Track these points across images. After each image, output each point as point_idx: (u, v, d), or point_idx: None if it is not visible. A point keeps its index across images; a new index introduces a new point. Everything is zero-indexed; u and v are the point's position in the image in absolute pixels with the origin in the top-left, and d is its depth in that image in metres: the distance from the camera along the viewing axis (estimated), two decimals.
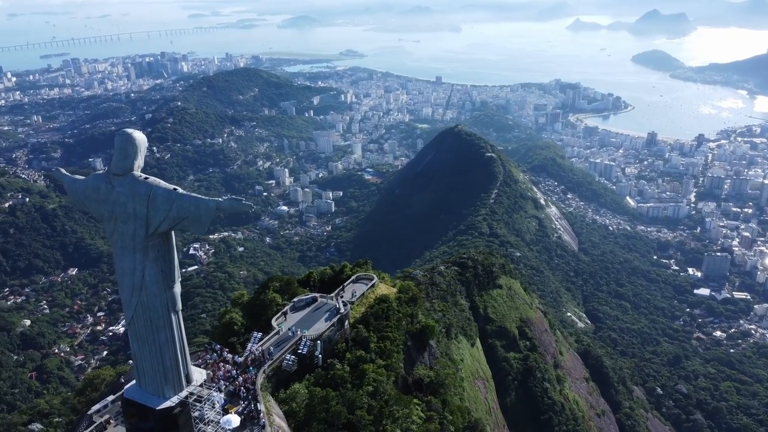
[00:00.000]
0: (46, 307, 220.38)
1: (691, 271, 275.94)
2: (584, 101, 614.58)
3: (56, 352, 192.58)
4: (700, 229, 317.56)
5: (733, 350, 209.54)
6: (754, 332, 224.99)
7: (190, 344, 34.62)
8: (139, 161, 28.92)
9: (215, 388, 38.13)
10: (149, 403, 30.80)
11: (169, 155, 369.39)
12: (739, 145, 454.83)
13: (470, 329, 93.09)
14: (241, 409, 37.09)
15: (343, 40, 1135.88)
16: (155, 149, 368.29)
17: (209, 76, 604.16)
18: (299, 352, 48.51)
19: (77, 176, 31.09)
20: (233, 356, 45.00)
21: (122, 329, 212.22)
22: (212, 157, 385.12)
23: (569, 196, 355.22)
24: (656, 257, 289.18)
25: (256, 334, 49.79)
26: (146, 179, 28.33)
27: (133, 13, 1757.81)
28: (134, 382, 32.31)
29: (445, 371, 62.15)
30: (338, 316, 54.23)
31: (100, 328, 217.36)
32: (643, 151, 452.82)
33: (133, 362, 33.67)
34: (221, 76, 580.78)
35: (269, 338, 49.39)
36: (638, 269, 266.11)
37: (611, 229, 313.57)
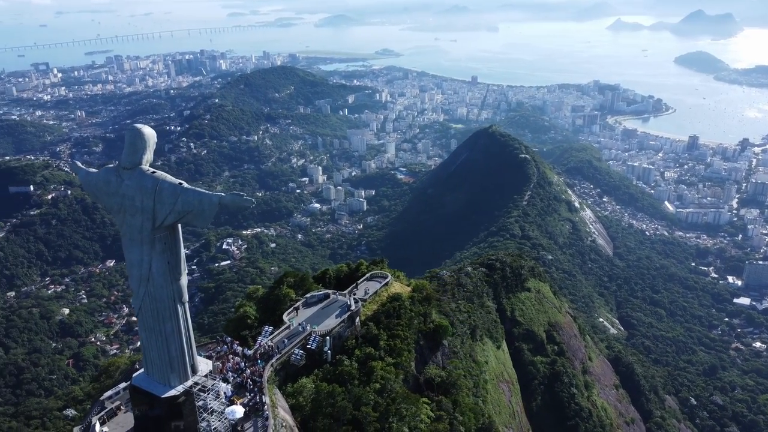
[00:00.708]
0: (84, 296, 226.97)
1: (731, 279, 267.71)
2: (623, 103, 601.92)
3: (92, 340, 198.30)
4: (741, 236, 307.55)
5: None
6: None
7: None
8: (147, 156, 29.88)
9: (221, 378, 38.98)
10: (155, 391, 31.71)
11: (205, 151, 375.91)
12: None
13: (496, 331, 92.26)
14: (246, 400, 37.72)
15: (379, 39, 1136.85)
16: (192, 145, 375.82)
17: (246, 73, 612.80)
18: (308, 347, 48.87)
19: (91, 169, 32.11)
20: (243, 349, 45.69)
21: None
22: (247, 153, 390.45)
23: (605, 199, 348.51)
24: (694, 264, 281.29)
25: (267, 328, 50.43)
26: (153, 173, 29.29)
27: (174, 11, 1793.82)
28: (142, 370, 33.26)
29: (457, 372, 61.66)
30: (349, 313, 54.37)
31: (135, 318, 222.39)
32: (683, 154, 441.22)
33: (141, 351, 34.66)
34: (258, 74, 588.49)
35: (279, 332, 49.84)
36: (675, 276, 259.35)
37: (648, 234, 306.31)
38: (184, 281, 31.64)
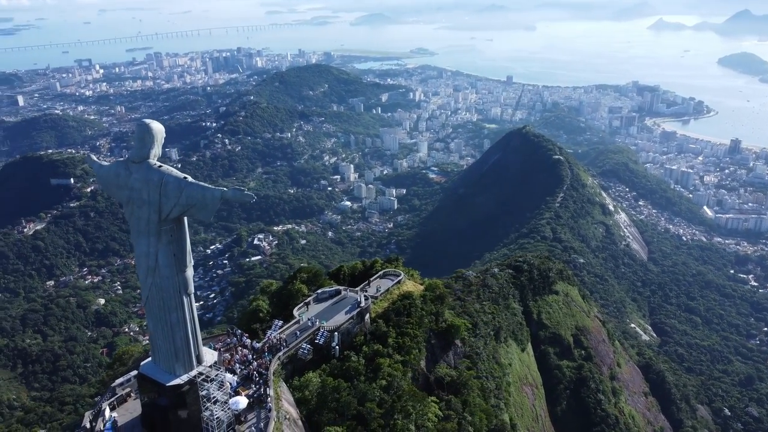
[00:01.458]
0: (119, 287, 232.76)
1: None
2: (663, 105, 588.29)
3: (126, 330, 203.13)
4: None
5: None
6: None
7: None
8: (155, 150, 30.77)
9: (229, 370, 39.89)
10: (161, 379, 32.68)
11: (239, 147, 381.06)
12: None
13: (521, 334, 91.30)
14: (251, 392, 38.29)
15: (414, 37, 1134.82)
16: (227, 141, 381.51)
17: (281, 71, 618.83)
18: (316, 342, 49.37)
19: (104, 162, 33.10)
20: (252, 342, 46.37)
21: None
22: (280, 150, 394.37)
23: (641, 203, 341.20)
24: (733, 271, 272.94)
25: (277, 322, 51.09)
26: (160, 167, 30.14)
27: (213, 9, 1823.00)
28: (151, 359, 34.23)
29: (468, 372, 61.24)
30: (358, 309, 54.59)
31: None
32: (724, 158, 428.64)
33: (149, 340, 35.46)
34: (293, 71, 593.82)
35: (288, 327, 50.48)
36: (712, 283, 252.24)
37: (685, 239, 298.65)
38: (189, 273, 32.43)
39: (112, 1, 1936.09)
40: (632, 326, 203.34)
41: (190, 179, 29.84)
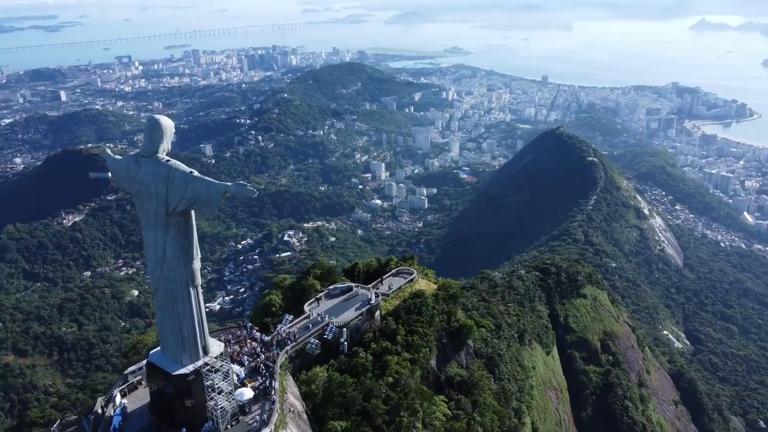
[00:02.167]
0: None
1: None
2: (703, 107, 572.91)
3: None
4: None
5: None
6: None
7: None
8: (164, 145, 31.39)
9: (237, 362, 40.74)
10: (168, 368, 33.58)
11: (272, 144, 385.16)
12: None
13: (547, 337, 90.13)
14: (257, 384, 38.83)
15: (448, 36, 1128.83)
16: (260, 138, 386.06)
17: (315, 69, 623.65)
18: (324, 337, 49.80)
19: (117, 156, 33.80)
20: (261, 335, 47.06)
21: (218, 306, 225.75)
22: (312, 148, 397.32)
23: (677, 207, 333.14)
24: None
25: (287, 316, 51.74)
26: (167, 162, 30.79)
27: (249, 7, 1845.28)
28: (159, 348, 35.31)
29: (479, 372, 60.81)
30: (368, 306, 54.86)
31: None
32: (767, 163, 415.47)
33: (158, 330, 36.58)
34: (327, 69, 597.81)
35: (298, 321, 51.07)
36: (751, 291, 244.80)
37: (723, 245, 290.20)
38: (196, 265, 33.23)
39: None
40: (664, 333, 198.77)
41: (195, 174, 30.49)
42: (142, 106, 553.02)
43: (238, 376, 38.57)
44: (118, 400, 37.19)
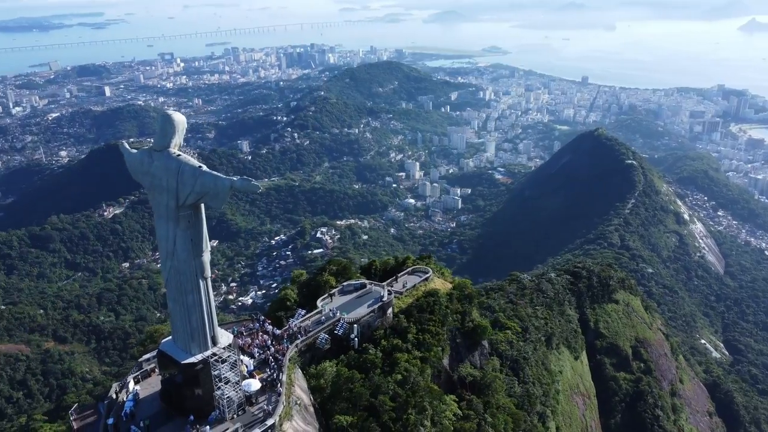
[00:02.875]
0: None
1: None
2: (751, 110, 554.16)
3: None
4: None
5: None
6: None
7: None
8: (176, 140, 32.15)
9: (248, 354, 41.40)
10: (178, 357, 34.50)
11: (308, 142, 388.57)
12: None
13: (576, 342, 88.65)
14: (266, 376, 39.39)
15: (487, 36, 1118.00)
16: (296, 135, 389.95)
17: (353, 68, 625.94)
18: (335, 332, 50.23)
19: (133, 150, 34.59)
20: (273, 328, 47.65)
21: (250, 300, 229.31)
22: (347, 146, 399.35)
23: (720, 213, 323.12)
24: None
25: (300, 311, 52.31)
26: (178, 156, 31.57)
27: (290, 6, 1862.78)
28: (171, 337, 36.16)
29: (492, 373, 60.13)
30: (380, 303, 55.02)
31: (231, 297, 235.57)
32: None
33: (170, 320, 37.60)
34: (364, 68, 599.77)
35: (310, 316, 51.53)
36: None
37: None
38: (206, 258, 33.90)
39: None
40: (702, 342, 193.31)
41: (204, 168, 31.21)
42: (182, 102, 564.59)
43: (247, 367, 39.28)
44: (131, 386, 38.41)
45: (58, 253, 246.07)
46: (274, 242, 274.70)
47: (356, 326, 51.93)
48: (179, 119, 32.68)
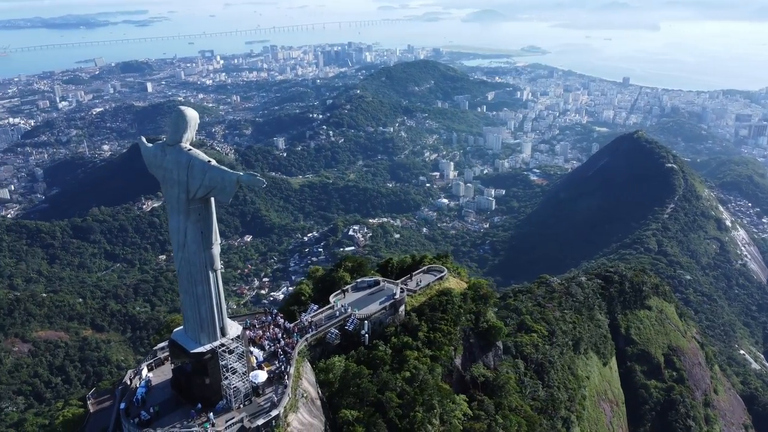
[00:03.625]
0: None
1: None
2: None
3: None
4: None
5: None
6: None
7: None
8: (188, 135, 33.13)
9: (258, 346, 42.17)
10: (187, 346, 35.45)
11: (342, 140, 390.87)
12: None
13: (605, 347, 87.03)
14: (274, 368, 39.96)
15: (526, 35, 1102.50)
16: (331, 133, 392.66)
17: (389, 66, 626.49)
18: (346, 328, 50.61)
19: (149, 144, 35.80)
20: (284, 321, 48.32)
21: (281, 296, 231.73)
22: (382, 144, 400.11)
23: (764, 220, 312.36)
24: None
25: (313, 306, 52.91)
26: (189, 151, 32.48)
27: (328, 4, 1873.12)
28: (182, 327, 37.11)
29: (505, 375, 59.41)
30: (392, 300, 55.15)
31: (263, 291, 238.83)
32: None
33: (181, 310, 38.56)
34: (400, 67, 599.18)
35: (322, 311, 52.02)
36: None
37: None
38: (216, 250, 34.93)
39: None
40: (741, 353, 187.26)
41: (213, 163, 32.04)
42: (221, 99, 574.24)
43: (257, 359, 39.98)
44: (144, 373, 39.59)
45: (98, 244, 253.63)
46: (306, 239, 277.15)
47: (367, 322, 52.31)
48: (192, 115, 33.62)
